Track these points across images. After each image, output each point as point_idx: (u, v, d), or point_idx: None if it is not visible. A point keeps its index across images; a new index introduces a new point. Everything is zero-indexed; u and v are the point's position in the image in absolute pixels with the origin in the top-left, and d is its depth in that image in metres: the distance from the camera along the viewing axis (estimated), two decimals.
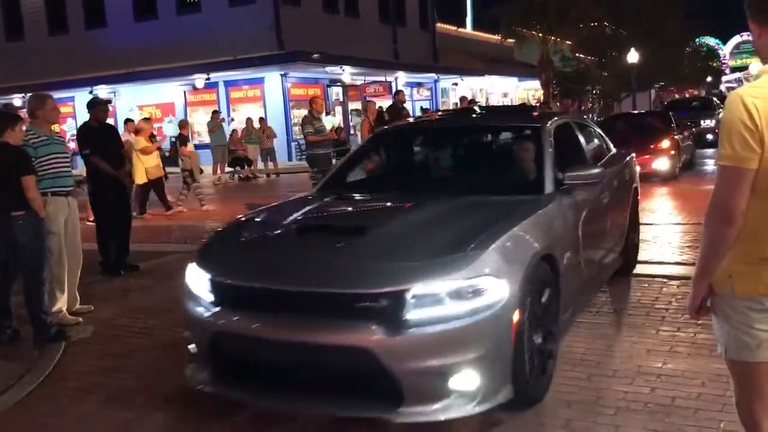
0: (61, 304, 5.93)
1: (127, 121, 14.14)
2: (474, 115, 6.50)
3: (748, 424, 2.44)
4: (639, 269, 6.73)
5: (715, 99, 25.37)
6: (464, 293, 3.31)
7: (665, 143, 13.47)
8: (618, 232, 5.84)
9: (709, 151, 18.53)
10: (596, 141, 6.24)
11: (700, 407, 3.62)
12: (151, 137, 13.08)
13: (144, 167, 12.22)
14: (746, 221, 2.20)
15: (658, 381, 3.99)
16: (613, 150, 6.45)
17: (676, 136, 14.02)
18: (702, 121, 21.52)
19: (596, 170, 4.70)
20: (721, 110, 21.36)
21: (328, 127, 13.66)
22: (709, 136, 20.57)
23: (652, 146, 13.14)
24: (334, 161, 11.12)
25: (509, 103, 37.44)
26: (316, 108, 11.46)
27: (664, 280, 6.24)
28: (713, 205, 2.23)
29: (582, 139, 5.63)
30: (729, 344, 2.36)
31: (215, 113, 21.43)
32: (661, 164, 13.15)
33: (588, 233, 4.72)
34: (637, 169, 6.87)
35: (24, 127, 5.56)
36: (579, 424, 3.53)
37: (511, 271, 3.47)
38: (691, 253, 7.17)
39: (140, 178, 12.23)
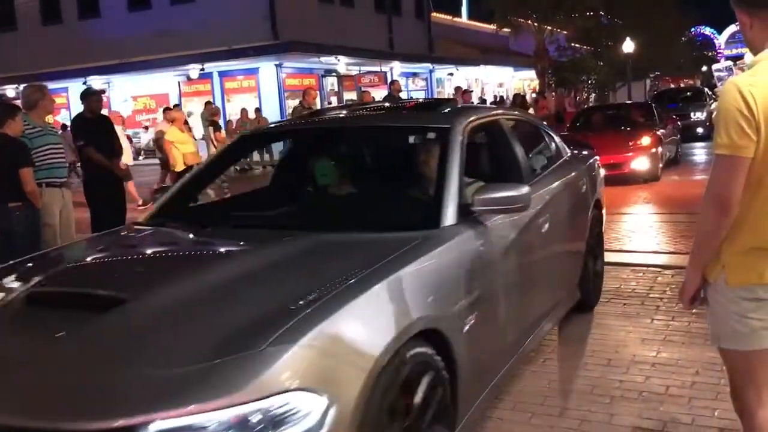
0: None
1: (166, 109, 13.97)
2: (363, 113, 4.69)
3: (742, 413, 2.46)
4: (633, 259, 6.76)
5: (706, 89, 23.93)
6: (252, 426, 1.90)
7: (645, 140, 12.01)
8: (570, 263, 4.57)
9: (699, 144, 18.03)
10: (542, 145, 4.89)
11: (694, 396, 3.64)
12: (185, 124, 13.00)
13: (181, 153, 12.11)
14: (739, 210, 2.21)
15: (653, 370, 4.01)
16: (567, 154, 5.07)
17: (658, 132, 12.78)
18: (692, 114, 20.23)
19: (521, 191, 3.14)
20: (712, 101, 19.63)
21: None
22: (700, 130, 19.45)
23: (630, 144, 11.89)
24: None
25: (503, 94, 37.49)
26: (309, 100, 11.37)
27: (659, 269, 6.27)
28: (709, 193, 2.23)
29: (516, 145, 4.09)
30: (722, 333, 2.37)
31: (208, 104, 21.37)
32: (641, 164, 11.75)
33: (513, 279, 3.44)
34: (602, 174, 5.65)
35: (22, 118, 5.55)
36: (574, 413, 3.55)
37: (344, 378, 2.12)
38: (685, 243, 7.19)
39: (179, 166, 12.14)
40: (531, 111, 21.44)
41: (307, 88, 13.37)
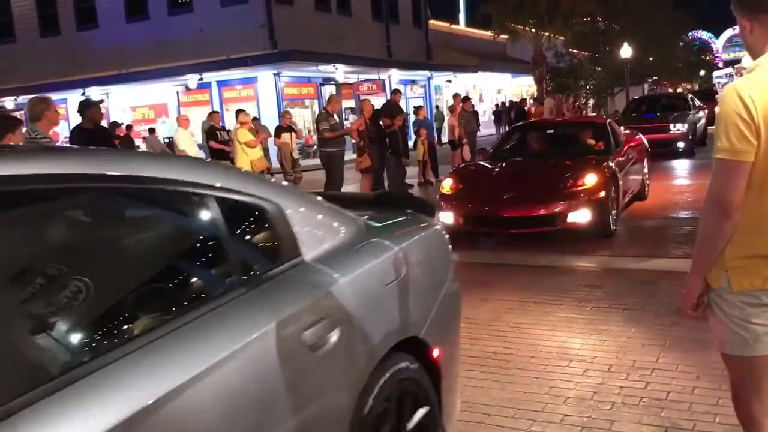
0: None
1: (239, 111, 14.01)
2: None
3: (743, 418, 2.45)
4: (634, 265, 6.76)
5: (690, 96, 20.39)
6: None
7: (589, 179, 7.85)
8: None
9: (679, 165, 15.08)
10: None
11: (695, 401, 3.63)
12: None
13: (249, 159, 12.12)
14: (742, 215, 2.19)
15: (653, 375, 4.00)
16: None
17: (612, 163, 8.40)
18: (672, 125, 16.57)
19: None
20: (699, 110, 18.55)
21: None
22: (681, 145, 16.32)
23: (565, 187, 7.89)
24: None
25: (503, 100, 37.51)
26: (333, 107, 11.61)
27: (659, 274, 6.27)
28: (710, 198, 2.22)
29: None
30: (725, 339, 2.36)
31: (214, 114, 21.34)
32: (582, 216, 7.70)
33: None
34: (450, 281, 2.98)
35: (24, 130, 5.58)
36: (575, 419, 3.54)
37: None
38: (686, 248, 7.19)
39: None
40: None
41: (331, 95, 13.49)
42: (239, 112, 13.37)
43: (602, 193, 7.78)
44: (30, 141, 5.73)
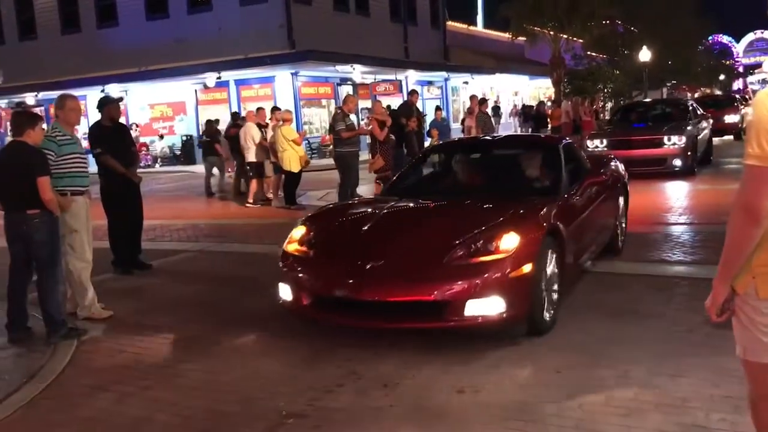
0: (91, 296, 6.05)
1: (275, 109, 14.10)
2: None
3: (760, 426, 2.43)
4: (650, 270, 6.71)
5: (691, 103, 16.76)
6: None
7: (507, 242, 4.74)
8: None
9: (675, 190, 12.13)
10: None
11: (712, 408, 3.60)
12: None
13: (298, 156, 12.20)
14: None
15: (670, 381, 3.97)
16: None
17: (555, 211, 5.32)
18: (666, 139, 13.24)
19: None
20: (702, 120, 15.33)
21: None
22: (677, 162, 13.12)
23: (464, 254, 4.78)
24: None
25: (521, 101, 37.40)
26: (349, 107, 11.63)
27: (677, 280, 6.22)
28: (738, 204, 2.19)
29: None
30: (748, 346, 2.33)
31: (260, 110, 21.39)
32: (486, 306, 4.60)
33: None
34: None
35: (44, 127, 5.62)
36: (590, 426, 3.52)
37: None
38: (703, 254, 7.13)
39: (295, 167, 12.23)
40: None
41: (348, 95, 13.52)
42: (275, 109, 13.45)
43: (527, 267, 4.67)
44: (48, 138, 5.76)
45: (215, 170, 16.00)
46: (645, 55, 30.62)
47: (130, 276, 7.68)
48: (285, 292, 5.16)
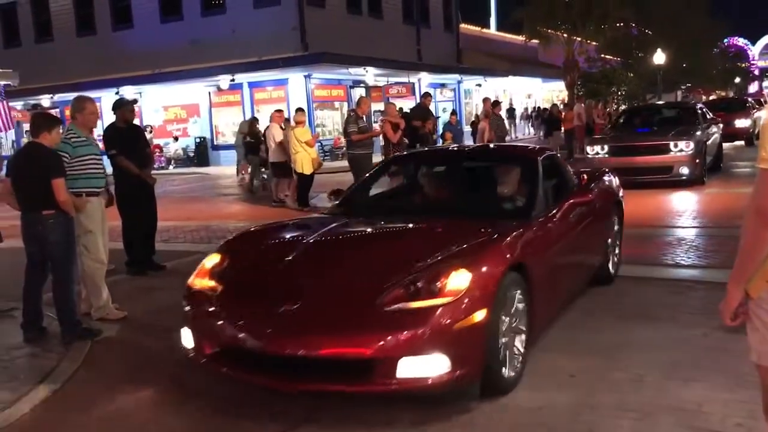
0: (105, 297, 6.09)
1: (299, 110, 14.26)
2: None
3: None
4: (665, 273, 6.67)
5: (699, 107, 15.63)
6: None
7: (455, 282, 3.70)
8: None
9: (678, 199, 11.31)
10: None
11: (727, 413, 3.57)
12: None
13: (310, 158, 12.27)
14: None
15: (685, 386, 3.94)
16: None
17: (522, 240, 4.33)
18: (672, 145, 12.30)
19: None
20: (711, 124, 14.53)
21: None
22: (684, 171, 12.20)
23: (398, 296, 3.72)
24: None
25: (534, 104, 37.30)
26: (363, 109, 11.65)
27: (691, 284, 6.18)
28: (752, 207, 2.18)
29: None
30: (762, 350, 2.32)
31: (255, 119, 21.47)
32: (426, 366, 3.56)
33: None
34: None
35: (60, 130, 5.65)
36: (603, 430, 3.50)
37: None
38: (718, 257, 7.08)
39: (307, 169, 12.31)
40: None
41: (361, 97, 13.55)
42: (298, 111, 13.54)
43: (480, 314, 3.71)
44: (63, 140, 5.79)
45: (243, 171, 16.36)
46: (659, 57, 30.45)
47: (144, 277, 7.72)
48: (186, 337, 4.21)
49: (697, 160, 12.45)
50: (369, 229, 5.05)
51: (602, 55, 33.67)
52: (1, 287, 6.80)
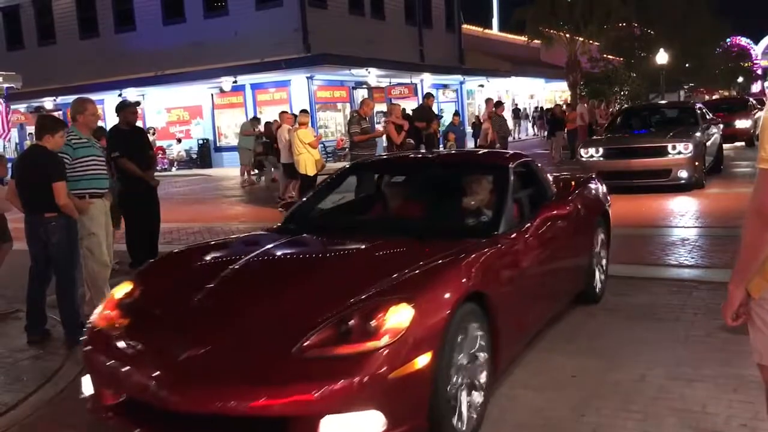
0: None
1: (303, 111, 14.35)
2: None
3: None
4: (667, 273, 6.66)
5: (699, 107, 14.83)
6: None
7: (395, 319, 3.08)
8: None
9: (675, 205, 10.82)
10: None
11: (731, 414, 3.56)
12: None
13: (313, 159, 12.31)
14: None
15: (688, 387, 3.93)
16: None
17: (496, 248, 3.96)
18: (670, 147, 11.77)
19: None
20: (711, 125, 13.93)
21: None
22: (682, 174, 11.67)
23: (325, 339, 3.09)
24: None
25: (536, 105, 37.28)
26: (366, 110, 11.68)
27: (694, 284, 6.17)
28: (752, 208, 2.18)
29: None
30: (764, 350, 2.31)
31: (255, 119, 21.47)
32: (357, 424, 2.94)
33: None
34: None
35: (64, 135, 5.65)
36: (607, 431, 3.50)
37: None
38: (721, 257, 7.07)
39: (310, 170, 12.35)
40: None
41: (364, 99, 13.55)
42: (302, 112, 13.59)
43: (424, 359, 3.11)
44: (65, 143, 5.79)
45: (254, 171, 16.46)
46: (662, 57, 30.40)
47: None
48: (86, 383, 3.57)
49: (697, 163, 11.98)
50: (308, 251, 4.40)
51: (605, 55, 33.62)
52: (5, 289, 6.82)
